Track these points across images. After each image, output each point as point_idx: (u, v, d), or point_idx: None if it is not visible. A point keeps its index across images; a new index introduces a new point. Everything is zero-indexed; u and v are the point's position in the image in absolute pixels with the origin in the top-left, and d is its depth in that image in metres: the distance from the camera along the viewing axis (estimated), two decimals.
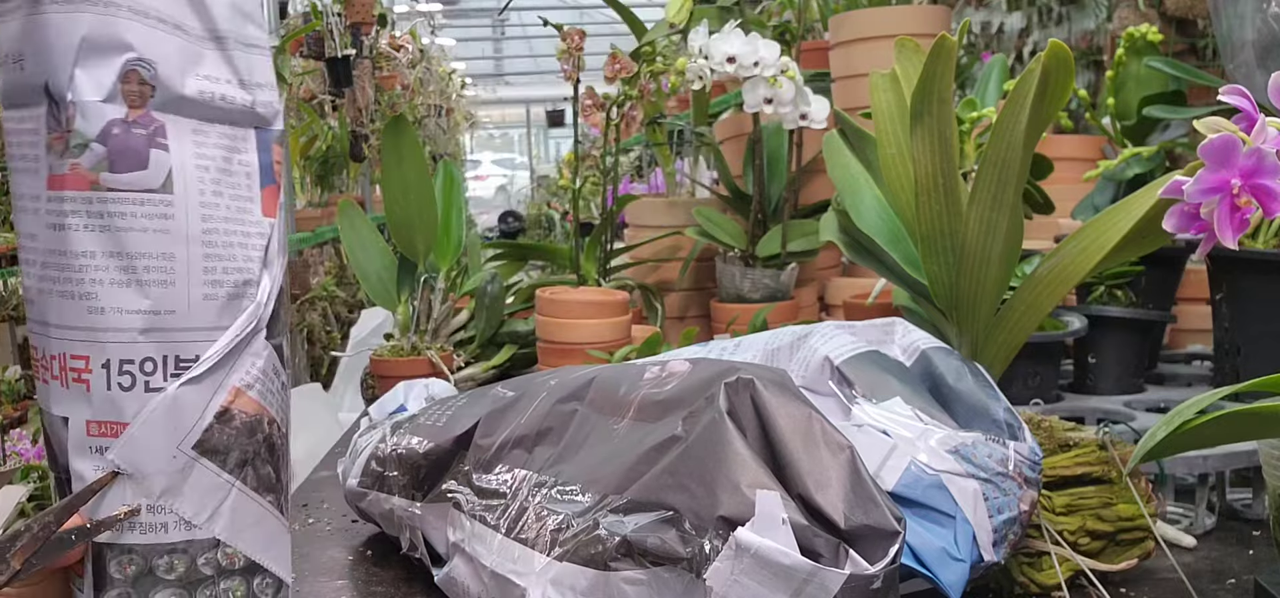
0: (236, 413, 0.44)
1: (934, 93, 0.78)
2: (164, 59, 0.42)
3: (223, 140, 0.44)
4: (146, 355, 0.42)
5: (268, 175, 0.45)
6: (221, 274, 0.43)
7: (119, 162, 0.41)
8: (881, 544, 0.49)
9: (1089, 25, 2.24)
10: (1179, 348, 1.22)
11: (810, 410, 0.53)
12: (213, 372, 0.43)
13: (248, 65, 0.44)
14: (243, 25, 0.44)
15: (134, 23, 0.41)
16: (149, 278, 0.42)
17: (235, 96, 0.44)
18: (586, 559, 0.53)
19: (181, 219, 0.42)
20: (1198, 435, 0.55)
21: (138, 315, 0.42)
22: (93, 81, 0.41)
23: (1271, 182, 0.55)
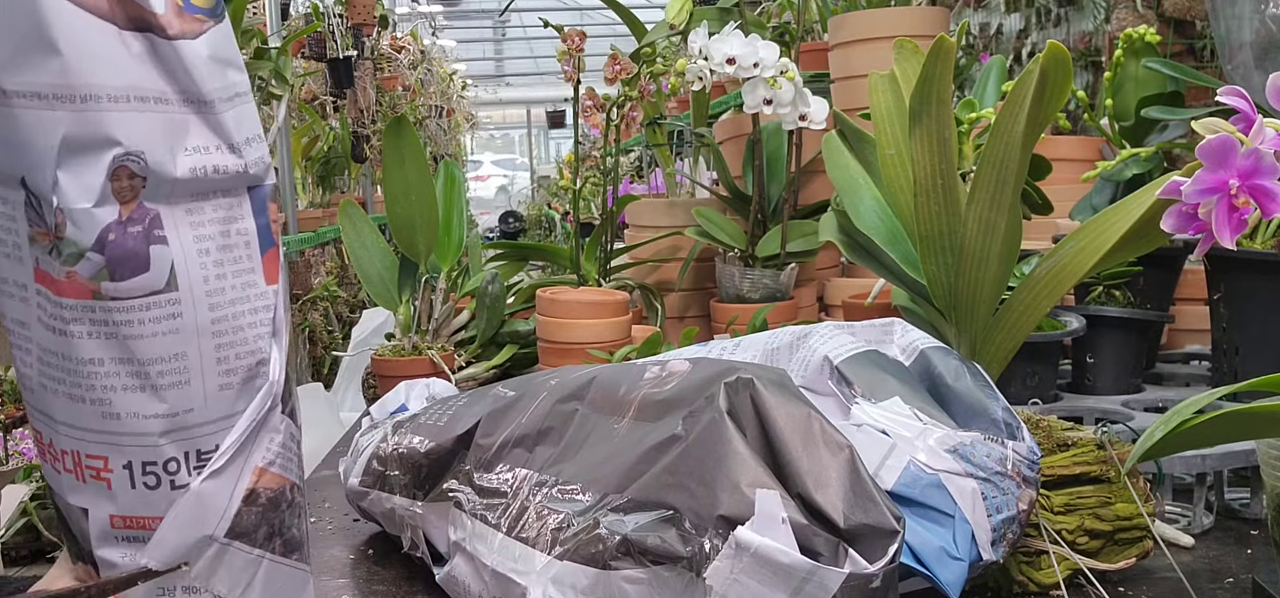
0: (262, 491, 0.43)
1: (933, 94, 0.79)
2: (151, 145, 0.38)
3: (218, 213, 0.41)
4: (170, 456, 0.41)
5: (266, 238, 0.43)
6: (234, 361, 0.42)
7: (119, 269, 0.38)
8: (881, 543, 0.49)
9: (1087, 26, 2.24)
10: (1177, 348, 1.23)
11: (810, 410, 0.53)
12: (234, 459, 0.42)
13: (236, 122, 0.41)
14: (223, 76, 0.41)
15: (114, 111, 0.37)
16: (164, 381, 0.40)
17: (226, 164, 0.41)
18: (587, 558, 0.53)
19: (190, 315, 0.40)
20: (1196, 435, 0.56)
21: (156, 419, 0.40)
22: (80, 186, 0.37)
23: (1269, 182, 0.56)
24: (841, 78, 1.53)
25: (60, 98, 0.36)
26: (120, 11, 0.37)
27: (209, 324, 0.40)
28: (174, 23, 0.39)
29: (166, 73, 0.39)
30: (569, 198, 1.51)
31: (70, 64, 0.36)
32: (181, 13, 0.39)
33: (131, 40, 0.38)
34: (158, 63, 0.38)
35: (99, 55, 0.37)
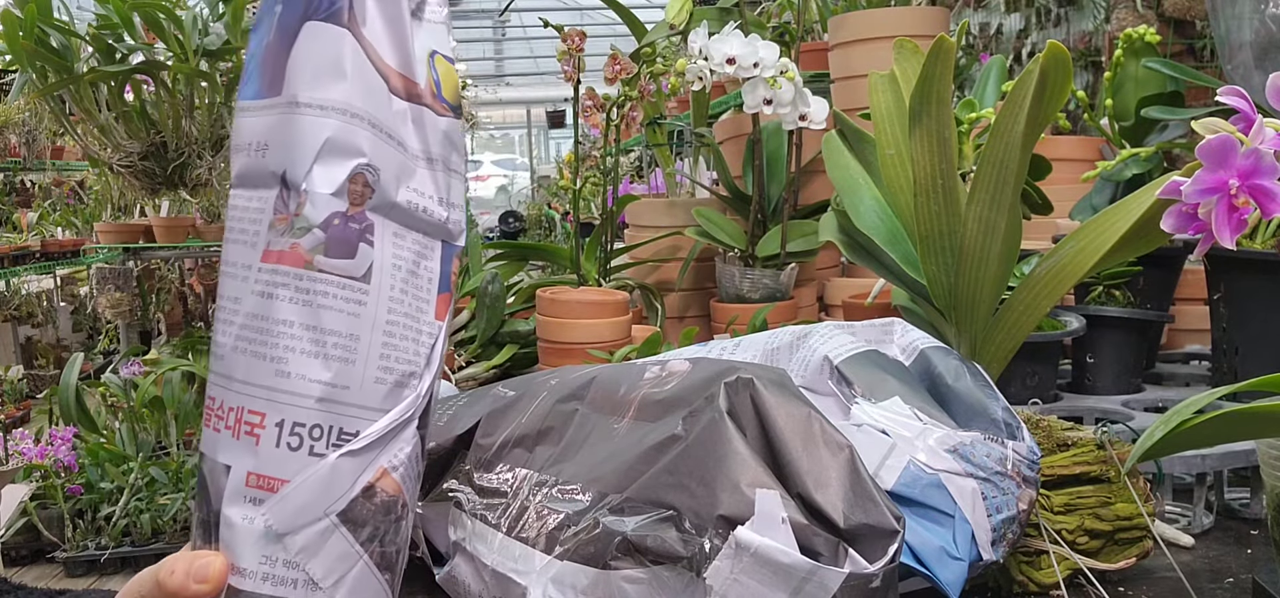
0: (379, 490, 0.47)
1: (933, 94, 0.79)
2: (386, 168, 0.47)
3: (416, 246, 0.49)
4: (316, 422, 0.46)
5: (445, 284, 0.50)
6: (393, 362, 0.48)
7: (334, 248, 0.46)
8: (881, 543, 0.49)
9: (1087, 26, 2.24)
10: (1177, 348, 1.23)
11: (810, 410, 0.53)
12: (369, 448, 0.47)
13: (448, 186, 0.50)
14: (449, 153, 0.50)
15: (369, 134, 0.47)
16: (334, 354, 0.46)
17: (434, 211, 0.49)
18: (587, 558, 0.53)
19: (372, 308, 0.47)
20: (1195, 435, 0.56)
21: (317, 385, 0.46)
22: (327, 177, 0.46)
23: (1269, 182, 0.56)
24: (841, 78, 1.54)
25: (336, 110, 0.46)
26: (395, 78, 0.48)
27: (383, 322, 0.47)
28: (428, 99, 0.49)
29: (413, 129, 0.49)
30: (569, 198, 1.51)
31: (352, 89, 0.46)
32: (435, 98, 0.50)
33: (396, 100, 0.48)
34: (410, 120, 0.49)
35: (371, 94, 0.47)
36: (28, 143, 3.63)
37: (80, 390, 1.74)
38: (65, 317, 4.66)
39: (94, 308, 3.83)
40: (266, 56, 0.48)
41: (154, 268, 3.97)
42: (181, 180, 1.96)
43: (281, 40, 0.47)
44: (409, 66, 0.48)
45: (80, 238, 3.86)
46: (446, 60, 0.51)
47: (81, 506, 2.13)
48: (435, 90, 0.49)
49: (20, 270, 3.51)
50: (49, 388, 2.93)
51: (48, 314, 4.54)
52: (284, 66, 0.47)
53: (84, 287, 4.59)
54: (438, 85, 0.50)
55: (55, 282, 4.59)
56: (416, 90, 0.49)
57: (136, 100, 1.85)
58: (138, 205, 3.32)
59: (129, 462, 2.18)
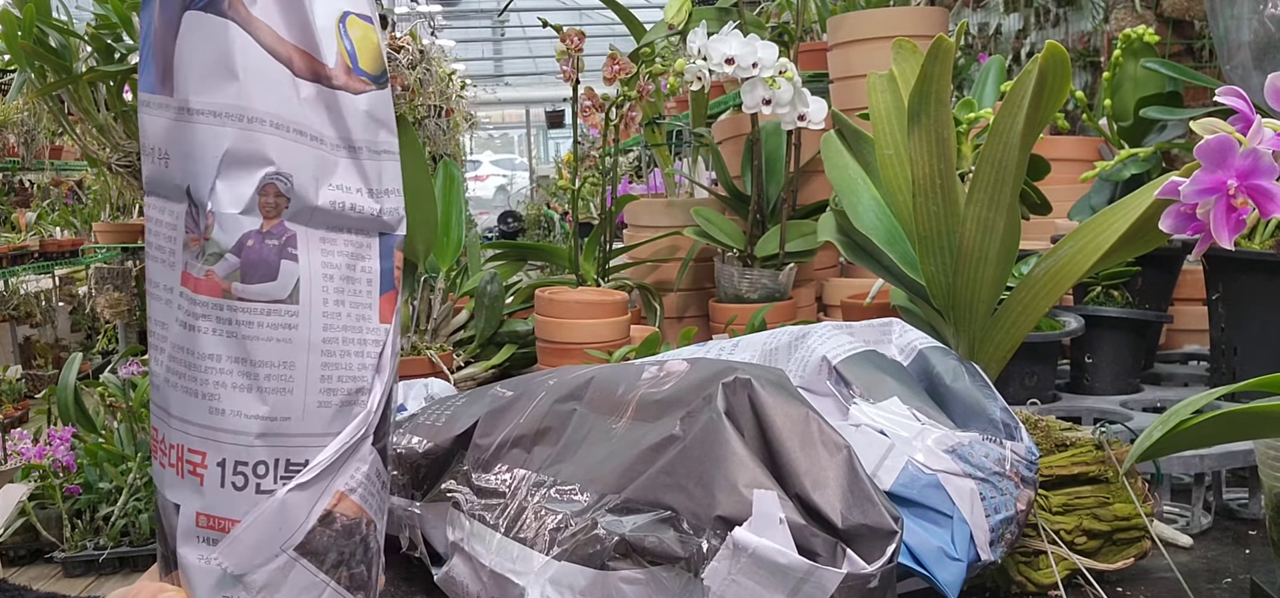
0: (338, 516, 0.45)
1: (931, 94, 0.79)
2: (300, 170, 0.43)
3: (348, 248, 0.44)
4: (260, 459, 0.43)
5: (387, 281, 0.45)
6: (336, 382, 0.44)
7: (250, 273, 0.42)
8: (879, 544, 0.49)
9: (1086, 27, 2.24)
10: (1175, 348, 1.23)
11: (807, 410, 0.53)
12: (320, 477, 0.44)
13: (377, 173, 0.45)
14: (376, 132, 0.45)
15: (274, 137, 0.42)
16: (269, 385, 0.43)
17: (364, 206, 0.44)
18: (585, 559, 0.53)
19: (304, 329, 0.43)
20: (1194, 435, 0.56)
21: (255, 420, 0.43)
22: (232, 194, 0.42)
23: (1267, 182, 0.56)
24: (840, 78, 1.54)
25: (231, 116, 0.41)
26: (298, 59, 0.42)
27: (320, 342, 0.43)
28: (341, 78, 0.44)
29: (327, 117, 0.44)
30: (568, 198, 1.51)
31: (245, 89, 0.41)
32: (350, 73, 0.44)
33: (303, 85, 0.43)
34: (321, 107, 0.43)
35: (270, 89, 0.42)
36: (26, 142, 3.63)
37: (79, 390, 1.74)
38: (64, 316, 4.65)
39: (92, 308, 3.83)
40: (156, 42, 0.44)
41: None
42: None
43: (166, 27, 0.43)
44: (312, 43, 0.43)
45: (79, 238, 3.86)
46: (362, 20, 0.44)
47: (80, 506, 2.13)
48: (350, 63, 0.44)
49: (18, 270, 3.51)
50: (47, 388, 2.93)
51: (46, 314, 4.54)
52: (172, 60, 0.42)
53: (82, 286, 4.59)
54: (352, 56, 0.44)
55: (54, 282, 4.58)
56: (324, 70, 0.43)
57: (135, 100, 1.85)
58: (136, 205, 3.32)
59: (128, 462, 2.18)
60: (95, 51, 1.80)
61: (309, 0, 0.43)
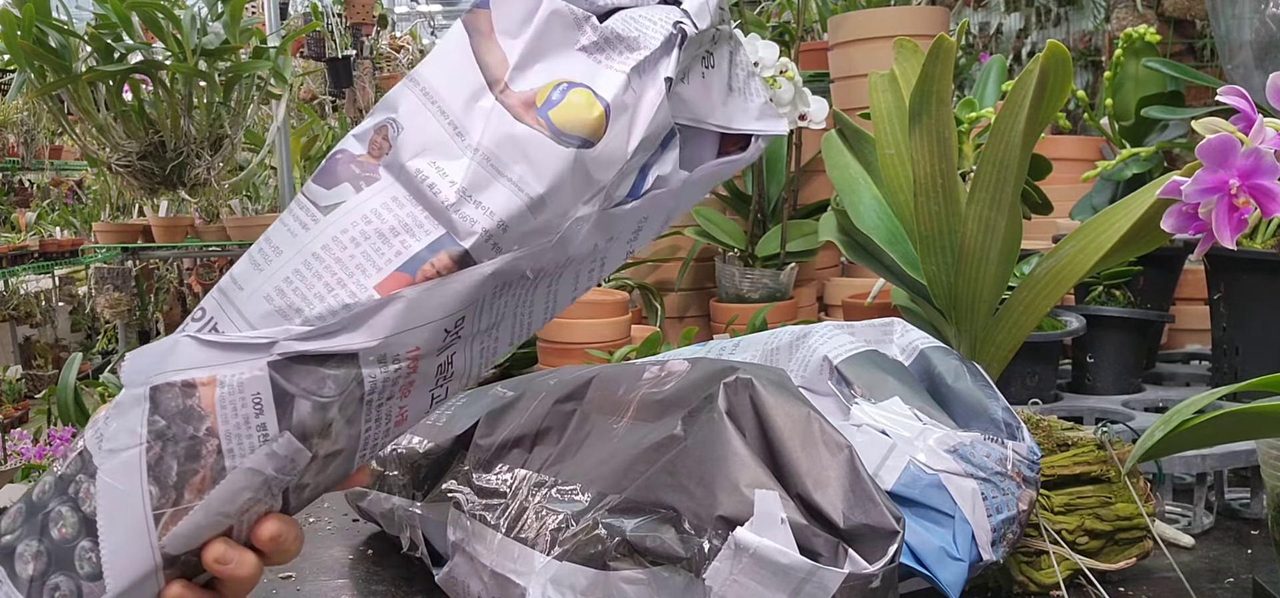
0: (196, 393, 0.44)
1: (932, 93, 0.79)
2: (412, 131, 0.45)
3: (405, 218, 0.45)
4: (205, 306, 0.46)
5: (413, 265, 0.44)
6: (290, 293, 0.44)
7: (321, 175, 0.46)
8: (880, 544, 0.49)
9: (1087, 26, 2.24)
10: (1177, 348, 1.23)
11: (809, 410, 0.53)
12: (210, 347, 0.45)
13: (484, 185, 0.45)
14: (508, 157, 0.45)
15: (416, 97, 0.46)
16: (257, 257, 0.45)
17: (442, 191, 0.44)
18: (586, 559, 0.53)
19: (309, 236, 0.45)
20: (1196, 435, 0.56)
21: (230, 278, 0.46)
22: (366, 125, 0.47)
23: (1269, 182, 0.56)
24: (841, 77, 1.53)
25: (412, 78, 0.47)
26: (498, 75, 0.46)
27: (310, 252, 0.45)
28: (516, 103, 0.46)
29: (483, 124, 0.45)
30: None
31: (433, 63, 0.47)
32: (529, 108, 0.46)
33: (487, 96, 0.45)
34: (483, 117, 0.46)
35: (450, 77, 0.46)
36: (26, 142, 3.63)
37: (79, 390, 1.74)
38: (63, 317, 4.66)
39: (92, 308, 3.83)
40: None
41: (152, 268, 3.97)
42: (180, 180, 1.96)
43: None
44: (515, 73, 0.45)
45: (78, 238, 3.85)
46: (596, 100, 0.45)
47: None
48: (537, 104, 0.45)
49: (18, 270, 3.51)
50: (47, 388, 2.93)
51: (46, 314, 4.54)
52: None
53: (82, 286, 4.59)
54: (549, 103, 0.45)
55: (53, 281, 4.58)
56: (505, 91, 0.45)
57: (135, 100, 1.85)
58: (136, 205, 3.32)
59: None
60: (95, 51, 1.80)
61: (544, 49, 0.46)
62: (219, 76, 1.93)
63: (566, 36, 0.46)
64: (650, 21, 0.47)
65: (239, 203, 2.96)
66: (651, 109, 0.46)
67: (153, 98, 1.90)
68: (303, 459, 0.46)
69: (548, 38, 0.46)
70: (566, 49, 0.46)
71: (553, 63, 0.46)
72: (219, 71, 1.92)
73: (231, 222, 2.79)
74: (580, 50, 0.46)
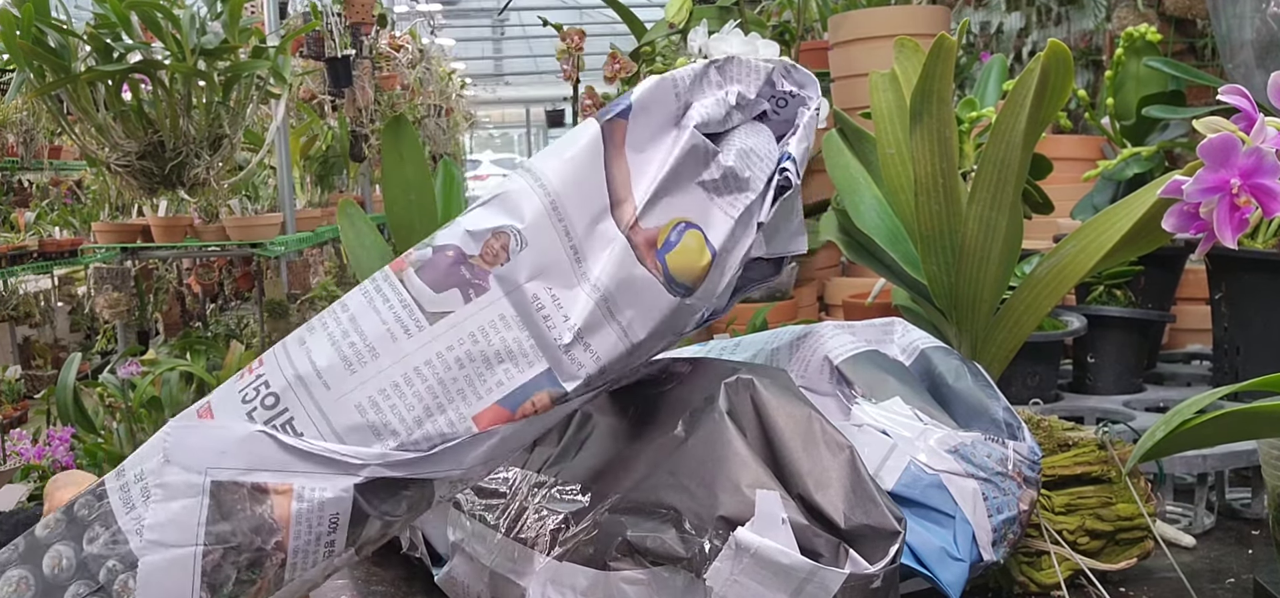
0: (268, 501, 0.40)
1: (933, 92, 0.78)
2: (535, 249, 0.42)
3: (513, 345, 0.42)
4: (275, 392, 0.41)
5: (512, 402, 0.43)
6: (386, 407, 0.41)
7: (426, 271, 0.42)
8: (881, 544, 0.49)
9: (1088, 25, 2.24)
10: (1178, 348, 1.22)
11: (810, 410, 0.53)
12: (290, 452, 0.40)
13: (595, 328, 0.43)
14: (623, 301, 0.43)
15: (542, 209, 0.42)
16: (343, 349, 0.41)
17: (557, 327, 0.43)
18: (586, 559, 0.53)
19: (411, 344, 0.41)
20: (1197, 435, 0.55)
21: (307, 364, 0.41)
22: (480, 219, 0.43)
23: (1270, 181, 0.55)
24: (842, 76, 1.53)
25: (532, 173, 0.43)
26: (625, 208, 0.44)
27: (412, 365, 0.42)
28: (640, 243, 0.44)
29: (605, 256, 0.44)
30: None
31: (559, 168, 0.43)
32: (651, 248, 0.44)
33: (609, 223, 0.43)
34: (604, 245, 0.44)
35: (580, 191, 0.43)
36: (25, 142, 3.62)
37: (78, 391, 1.74)
38: (62, 316, 4.66)
39: (91, 308, 3.83)
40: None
41: (152, 268, 3.96)
42: (179, 180, 1.96)
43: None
44: (647, 203, 0.43)
45: (78, 237, 3.85)
46: (706, 247, 0.44)
47: None
48: (658, 245, 0.44)
49: (17, 270, 3.51)
50: (46, 388, 2.93)
51: (45, 314, 4.54)
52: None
53: (81, 286, 4.59)
54: (667, 245, 0.44)
55: (52, 281, 4.58)
56: (635, 228, 0.43)
57: (134, 100, 1.85)
58: (135, 205, 3.32)
59: None
60: (94, 51, 1.80)
61: (674, 183, 0.44)
62: (218, 76, 1.93)
63: (694, 171, 0.45)
64: (760, 159, 0.46)
65: (238, 203, 2.96)
66: (744, 253, 0.46)
67: (152, 97, 1.90)
68: (348, 563, 0.44)
69: (681, 171, 0.44)
70: (690, 183, 0.45)
71: (677, 197, 0.44)
72: (218, 71, 1.92)
73: (231, 221, 2.78)
74: (700, 184, 0.45)
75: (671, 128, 0.44)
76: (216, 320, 3.90)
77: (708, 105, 0.45)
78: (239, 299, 4.15)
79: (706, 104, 0.45)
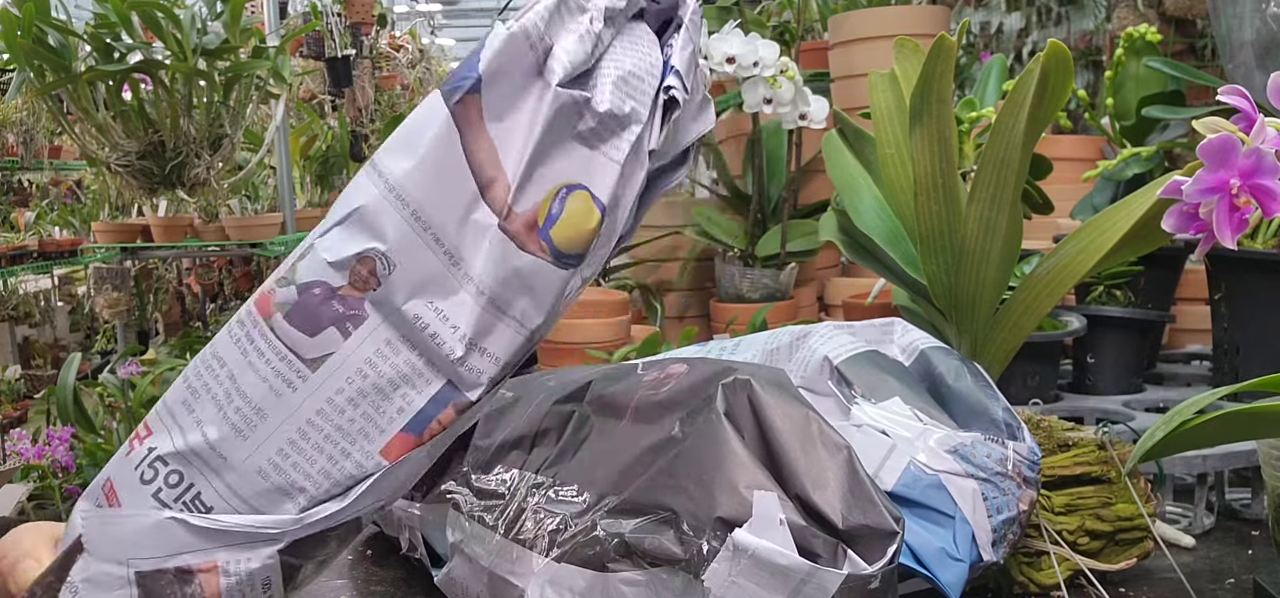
0: (195, 583, 0.40)
1: (933, 93, 0.78)
2: (405, 266, 0.39)
3: (403, 368, 0.40)
4: (176, 468, 0.40)
5: (418, 425, 0.41)
6: (288, 467, 0.40)
7: (296, 316, 0.40)
8: (880, 544, 0.49)
9: (1088, 25, 2.24)
10: (1178, 348, 1.22)
11: (808, 411, 0.53)
12: (207, 533, 0.40)
13: (488, 331, 0.41)
14: (516, 298, 0.41)
15: (403, 222, 0.39)
16: (232, 417, 0.40)
17: (447, 343, 0.40)
18: (584, 560, 0.53)
19: (299, 397, 0.40)
20: (1197, 435, 0.55)
21: (198, 436, 0.40)
22: (338, 244, 0.40)
23: (1270, 181, 0.55)
24: (842, 76, 1.53)
25: (386, 182, 0.39)
26: (498, 189, 0.39)
27: (305, 418, 0.40)
28: (519, 229, 0.40)
29: (481, 247, 0.40)
30: None
31: (415, 171, 0.39)
32: (531, 230, 0.40)
33: (481, 210, 0.39)
34: (480, 237, 0.40)
35: (443, 187, 0.39)
36: (25, 142, 3.62)
37: (77, 390, 1.74)
38: (62, 316, 4.65)
39: (91, 308, 3.83)
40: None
41: (151, 268, 3.96)
42: (179, 180, 1.96)
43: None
44: (520, 182, 0.40)
45: (78, 237, 3.85)
46: (594, 206, 0.40)
47: None
48: (542, 222, 0.40)
49: (17, 270, 3.51)
50: (46, 388, 2.93)
51: (45, 314, 4.53)
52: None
53: (81, 286, 4.59)
54: (549, 219, 0.40)
55: (52, 281, 4.58)
56: (504, 210, 0.40)
57: (134, 99, 1.85)
58: (135, 205, 3.32)
59: None
60: (94, 51, 1.80)
61: (546, 149, 0.40)
62: (218, 76, 1.93)
63: (568, 125, 0.41)
64: (641, 80, 0.41)
65: (238, 203, 2.96)
66: (638, 187, 0.42)
67: (152, 97, 1.90)
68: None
69: (553, 131, 0.40)
70: (565, 140, 0.41)
71: (553, 163, 0.41)
72: (219, 71, 1.92)
73: (230, 221, 2.78)
74: (576, 138, 0.41)
75: (534, 81, 0.40)
76: (216, 320, 3.90)
77: (570, 46, 0.40)
78: (239, 299, 4.15)
79: (568, 45, 0.40)
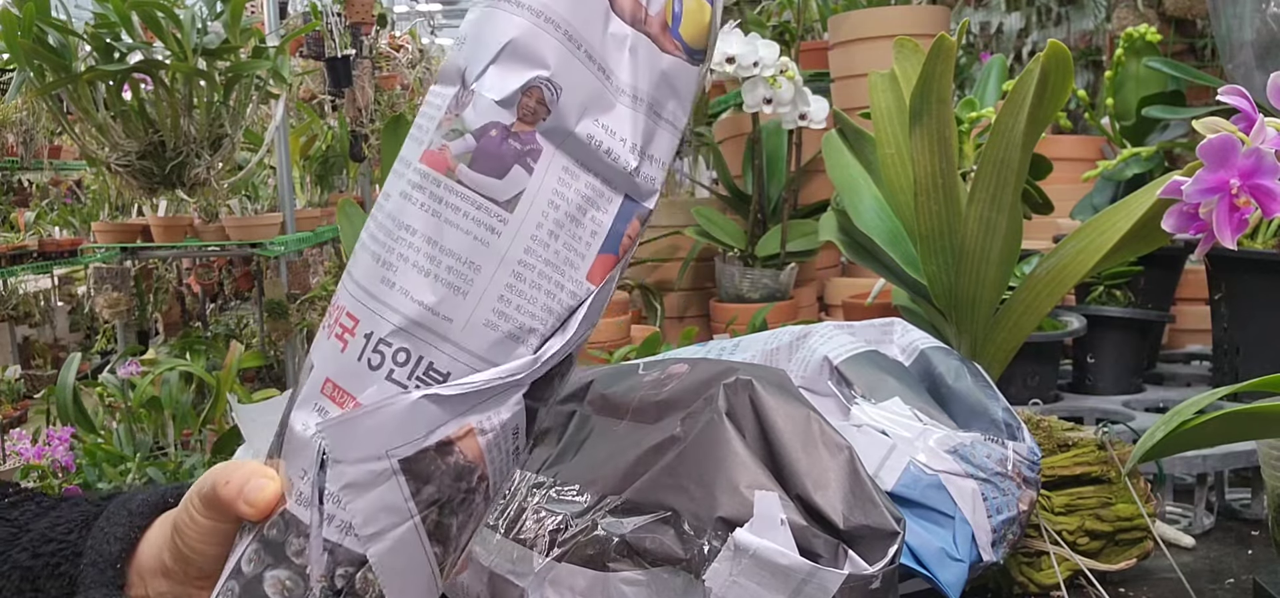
0: (457, 450, 0.41)
1: (933, 93, 0.78)
2: (571, 89, 0.41)
3: (587, 190, 0.41)
4: (403, 345, 0.40)
5: (613, 243, 0.42)
6: (514, 311, 0.41)
7: (480, 161, 0.40)
8: (880, 544, 0.49)
9: (1088, 25, 2.24)
10: (1178, 348, 1.22)
11: (809, 411, 0.53)
12: (457, 398, 0.41)
13: (650, 134, 0.42)
14: (665, 98, 0.42)
15: (560, 45, 0.40)
16: (445, 277, 0.40)
17: (621, 157, 0.42)
18: (585, 560, 0.53)
19: (505, 240, 0.40)
20: (1196, 435, 0.55)
21: (415, 305, 0.40)
22: (499, 82, 0.40)
23: (1270, 182, 0.55)
24: (841, 77, 1.53)
25: (530, 9, 0.40)
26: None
27: (516, 260, 0.41)
28: (655, 30, 0.42)
29: (626, 58, 0.42)
30: None
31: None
32: (666, 30, 0.42)
33: (615, 20, 0.41)
34: (625, 48, 0.41)
35: (582, 3, 0.40)
36: (25, 142, 3.62)
37: (77, 391, 1.74)
38: (62, 316, 4.65)
39: (91, 308, 3.83)
40: None
41: (151, 268, 3.96)
42: (179, 180, 1.95)
43: None
44: None
45: (77, 237, 3.85)
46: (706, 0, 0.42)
47: None
48: (670, 22, 0.42)
49: (17, 270, 3.51)
50: (46, 388, 2.92)
51: (45, 314, 4.53)
52: None
53: (81, 286, 4.59)
54: (676, 17, 0.42)
55: (52, 281, 4.58)
56: (642, 16, 0.41)
57: (134, 99, 1.85)
58: (135, 205, 3.32)
59: (126, 462, 2.18)
60: (94, 51, 1.80)
61: None
62: (219, 76, 1.93)
63: None
64: None
65: (238, 203, 2.96)
66: None
67: (152, 97, 1.90)
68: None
69: None
70: None
71: None
72: (219, 71, 1.92)
73: (231, 221, 2.78)
74: None
75: None
76: (216, 320, 3.90)
77: None
78: (239, 299, 4.15)
79: None
